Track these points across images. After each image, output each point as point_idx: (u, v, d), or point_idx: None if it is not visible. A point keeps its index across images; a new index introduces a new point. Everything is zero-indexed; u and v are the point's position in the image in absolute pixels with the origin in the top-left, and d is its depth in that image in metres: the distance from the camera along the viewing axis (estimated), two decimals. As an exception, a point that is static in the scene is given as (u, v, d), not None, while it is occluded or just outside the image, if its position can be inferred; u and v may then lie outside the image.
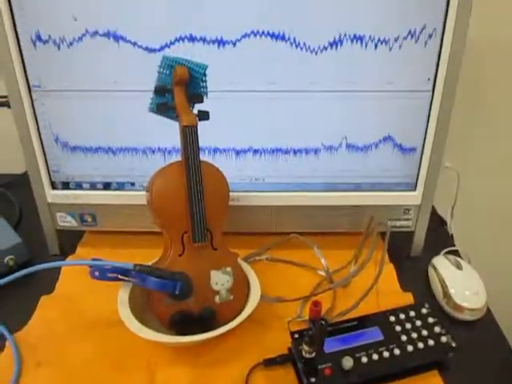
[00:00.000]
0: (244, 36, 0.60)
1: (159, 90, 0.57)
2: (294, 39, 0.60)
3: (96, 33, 0.59)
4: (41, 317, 0.63)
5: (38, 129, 0.65)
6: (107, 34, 0.59)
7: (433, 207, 0.73)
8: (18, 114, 0.63)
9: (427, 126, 0.66)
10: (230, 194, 0.62)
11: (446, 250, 0.74)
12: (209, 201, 0.58)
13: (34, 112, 0.64)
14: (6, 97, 0.74)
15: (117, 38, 0.60)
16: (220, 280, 0.59)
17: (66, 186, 0.70)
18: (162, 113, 0.58)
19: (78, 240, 0.77)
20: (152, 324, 0.56)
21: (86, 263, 0.57)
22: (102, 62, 0.61)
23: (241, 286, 0.61)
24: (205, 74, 0.57)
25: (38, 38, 0.60)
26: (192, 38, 0.60)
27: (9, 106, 0.65)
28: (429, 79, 0.63)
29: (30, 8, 0.58)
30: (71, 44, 0.60)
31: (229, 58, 0.61)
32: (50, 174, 0.68)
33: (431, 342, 0.56)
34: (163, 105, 0.57)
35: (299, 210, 0.71)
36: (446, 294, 0.65)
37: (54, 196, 0.70)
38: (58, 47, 0.60)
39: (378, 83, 0.63)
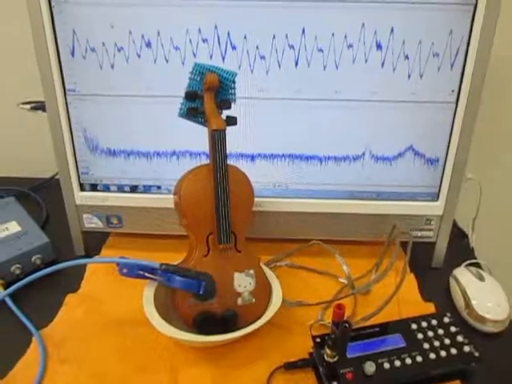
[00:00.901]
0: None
1: (190, 96, 0.59)
2: (319, 52, 0.62)
3: (130, 40, 0.62)
4: (66, 315, 0.65)
5: (71, 132, 0.67)
6: (141, 42, 0.62)
7: (453, 220, 0.73)
8: (52, 117, 0.66)
9: (450, 137, 0.66)
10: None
11: (467, 263, 0.74)
12: (234, 203, 0.59)
13: (68, 115, 0.66)
14: (39, 102, 0.78)
15: (150, 45, 0.62)
16: (243, 282, 0.60)
17: (94, 188, 0.72)
18: (191, 117, 0.60)
19: (102, 242, 0.78)
20: (174, 325, 0.57)
21: (114, 261, 0.58)
22: (135, 69, 0.64)
23: (263, 290, 0.62)
24: (234, 81, 0.59)
25: (76, 44, 0.62)
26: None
27: (43, 110, 0.68)
28: (453, 91, 0.64)
29: (70, 15, 0.61)
30: (107, 51, 0.63)
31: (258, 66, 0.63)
32: (79, 176, 0.70)
33: (454, 351, 0.56)
34: (193, 110, 0.59)
35: (321, 217, 0.71)
36: (468, 306, 0.65)
37: (82, 197, 0.71)
38: (94, 54, 0.63)
39: (402, 94, 0.64)
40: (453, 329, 0.59)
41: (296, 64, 0.63)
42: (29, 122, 0.93)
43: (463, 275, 0.69)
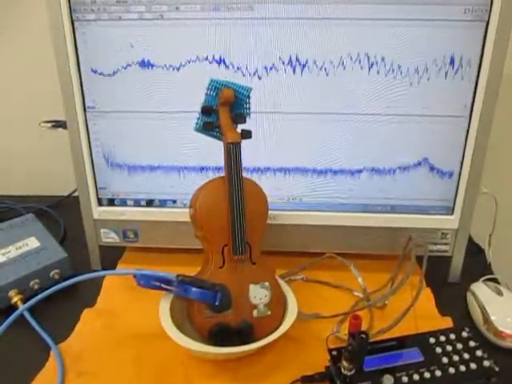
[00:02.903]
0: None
1: (205, 110, 0.60)
2: (331, 66, 0.63)
3: (149, 58, 0.64)
4: (83, 329, 0.65)
5: (90, 147, 0.69)
6: (159, 60, 0.64)
7: (469, 236, 0.72)
8: (72, 133, 0.68)
9: (464, 150, 0.66)
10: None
11: (484, 278, 0.73)
12: (249, 215, 0.60)
13: (88, 132, 0.68)
14: (60, 121, 0.80)
15: (167, 63, 0.64)
16: (258, 294, 0.60)
17: (111, 202, 0.73)
18: (207, 131, 0.61)
19: (118, 258, 0.79)
20: (190, 337, 0.57)
21: (131, 272, 0.59)
22: (152, 86, 0.66)
23: (278, 302, 0.61)
24: (249, 96, 0.60)
25: (97, 62, 0.65)
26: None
27: (64, 127, 0.70)
28: (466, 105, 0.64)
29: (91, 35, 0.63)
30: (126, 69, 0.65)
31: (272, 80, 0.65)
32: (97, 191, 0.72)
33: (473, 366, 0.55)
34: (209, 124, 0.60)
35: (335, 230, 0.72)
36: (487, 321, 0.64)
37: (99, 212, 0.73)
38: (114, 72, 0.65)
39: (414, 108, 0.65)
40: (472, 343, 0.58)
41: (310, 79, 0.64)
42: (48, 140, 0.96)
43: (481, 290, 0.68)
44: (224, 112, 0.60)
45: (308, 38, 0.62)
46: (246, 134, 0.61)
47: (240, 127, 0.62)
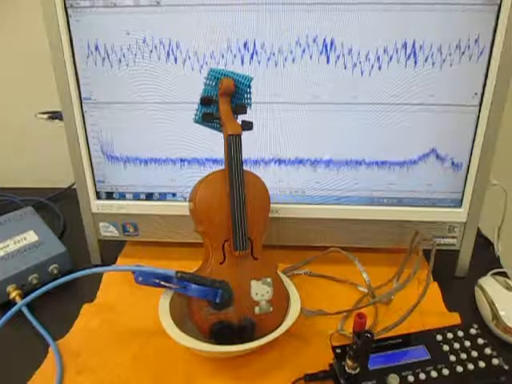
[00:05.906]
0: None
1: (205, 101, 0.58)
2: (339, 56, 0.61)
3: (146, 47, 0.62)
4: (82, 325, 0.64)
5: (87, 140, 0.68)
6: (157, 49, 0.62)
7: (478, 228, 0.70)
8: (69, 125, 0.66)
9: (474, 141, 0.64)
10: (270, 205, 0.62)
11: (493, 272, 0.71)
12: (250, 209, 0.58)
13: (84, 124, 0.67)
14: (56, 112, 0.78)
15: (165, 52, 0.62)
16: (260, 290, 0.58)
17: (110, 196, 0.72)
18: (206, 123, 0.60)
19: (118, 252, 0.78)
20: (190, 335, 0.55)
21: (129, 269, 0.58)
22: (150, 76, 0.64)
23: (280, 299, 0.60)
24: (250, 86, 0.58)
25: (92, 52, 0.63)
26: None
27: (60, 119, 0.68)
28: (476, 94, 0.62)
29: (86, 23, 0.61)
30: (122, 59, 0.63)
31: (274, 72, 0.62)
32: (95, 185, 0.70)
33: (482, 364, 0.54)
34: (208, 115, 0.59)
35: (340, 224, 0.70)
36: (496, 316, 0.62)
37: (98, 206, 0.71)
38: (110, 61, 0.63)
39: (421, 97, 0.63)
40: (480, 341, 0.57)
41: (313, 68, 0.62)
42: (47, 132, 0.95)
43: (490, 285, 0.67)
44: (224, 103, 0.58)
45: (314, 26, 0.59)
46: (247, 126, 0.59)
47: (241, 118, 0.60)
